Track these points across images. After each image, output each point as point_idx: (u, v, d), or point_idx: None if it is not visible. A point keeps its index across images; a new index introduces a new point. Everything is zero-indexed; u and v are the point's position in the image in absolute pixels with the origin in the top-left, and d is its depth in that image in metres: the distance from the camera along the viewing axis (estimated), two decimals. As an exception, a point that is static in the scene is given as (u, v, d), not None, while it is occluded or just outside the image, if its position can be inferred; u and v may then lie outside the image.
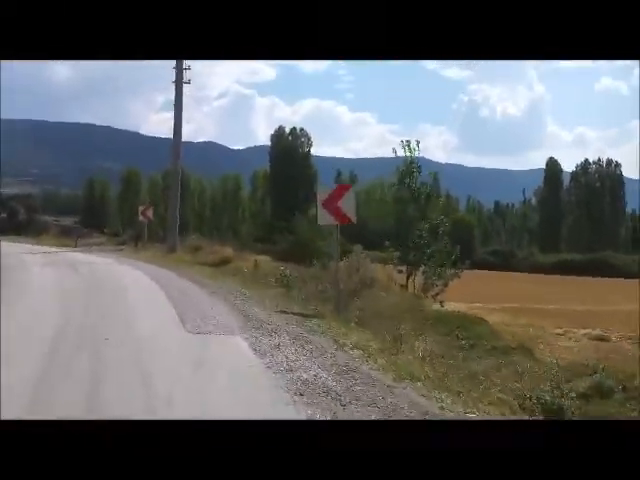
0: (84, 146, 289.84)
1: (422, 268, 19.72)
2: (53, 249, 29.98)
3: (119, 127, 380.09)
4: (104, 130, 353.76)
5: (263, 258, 23.23)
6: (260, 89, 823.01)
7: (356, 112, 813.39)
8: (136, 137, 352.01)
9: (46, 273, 16.80)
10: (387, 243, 21.14)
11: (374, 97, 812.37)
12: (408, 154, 21.52)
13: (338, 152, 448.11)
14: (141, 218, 30.55)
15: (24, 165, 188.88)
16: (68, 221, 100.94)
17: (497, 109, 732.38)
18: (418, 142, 21.88)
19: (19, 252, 24.65)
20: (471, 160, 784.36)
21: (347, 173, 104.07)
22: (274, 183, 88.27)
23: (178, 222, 28.21)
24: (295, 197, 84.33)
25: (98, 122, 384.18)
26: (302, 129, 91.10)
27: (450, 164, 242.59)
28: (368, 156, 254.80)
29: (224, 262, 20.09)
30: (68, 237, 40.17)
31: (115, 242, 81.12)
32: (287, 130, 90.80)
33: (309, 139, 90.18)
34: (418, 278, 19.67)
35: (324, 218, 11.98)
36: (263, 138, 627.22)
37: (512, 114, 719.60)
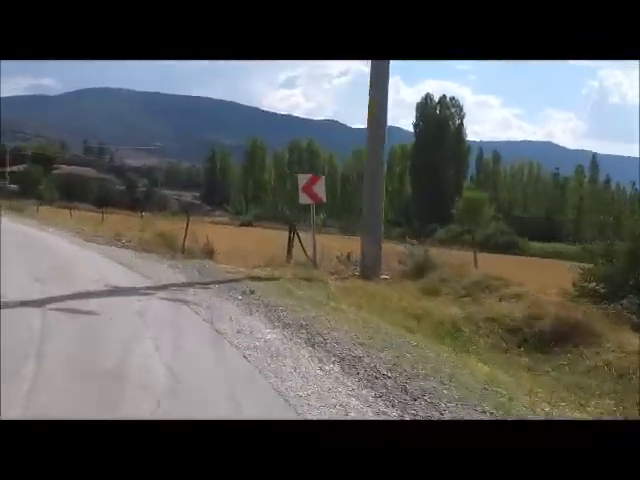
0: (206, 120, 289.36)
1: None
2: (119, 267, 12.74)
3: (242, 103, 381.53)
4: (227, 105, 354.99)
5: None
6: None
7: (479, 94, 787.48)
8: (257, 113, 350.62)
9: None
10: None
11: (498, 79, 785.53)
12: None
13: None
14: (303, 198, 15.16)
15: (147, 137, 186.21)
16: (189, 196, 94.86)
17: (629, 95, 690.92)
18: None
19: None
20: (601, 146, 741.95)
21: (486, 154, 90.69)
22: (418, 160, 76.27)
23: (382, 227, 14.80)
24: (445, 176, 73.20)
25: (221, 97, 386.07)
26: (453, 98, 79.90)
27: (581, 150, 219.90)
28: (491, 139, 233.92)
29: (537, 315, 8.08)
30: (182, 216, 24.67)
31: (239, 222, 71.58)
32: (435, 99, 79.18)
33: (461, 109, 79.10)
34: None
35: None
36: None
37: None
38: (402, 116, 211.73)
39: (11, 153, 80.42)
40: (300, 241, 15.10)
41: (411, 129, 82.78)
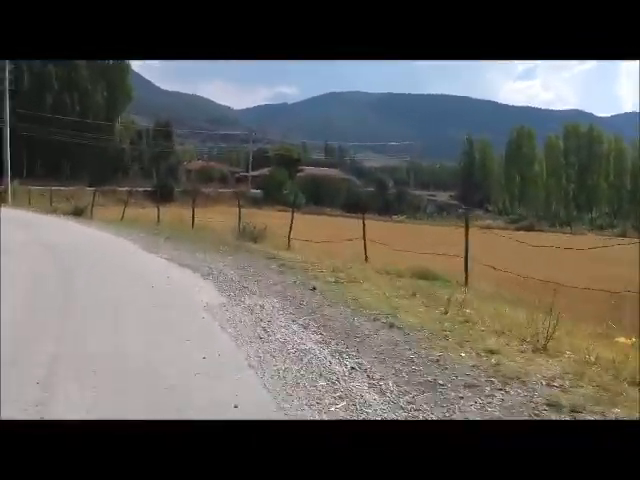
0: (441, 117, 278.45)
1: None
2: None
3: (477, 97, 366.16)
4: (461, 100, 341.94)
5: None
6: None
7: None
8: (492, 106, 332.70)
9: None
10: None
11: None
12: None
13: None
14: None
15: (384, 137, 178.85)
16: (444, 196, 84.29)
17: None
18: None
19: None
20: None
21: None
22: None
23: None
24: None
25: (455, 93, 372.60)
26: None
27: None
28: None
29: None
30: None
31: (513, 225, 58.46)
32: None
33: None
34: None
35: None
36: (630, 105, 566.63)
37: None
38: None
39: (254, 156, 73.75)
40: None
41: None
